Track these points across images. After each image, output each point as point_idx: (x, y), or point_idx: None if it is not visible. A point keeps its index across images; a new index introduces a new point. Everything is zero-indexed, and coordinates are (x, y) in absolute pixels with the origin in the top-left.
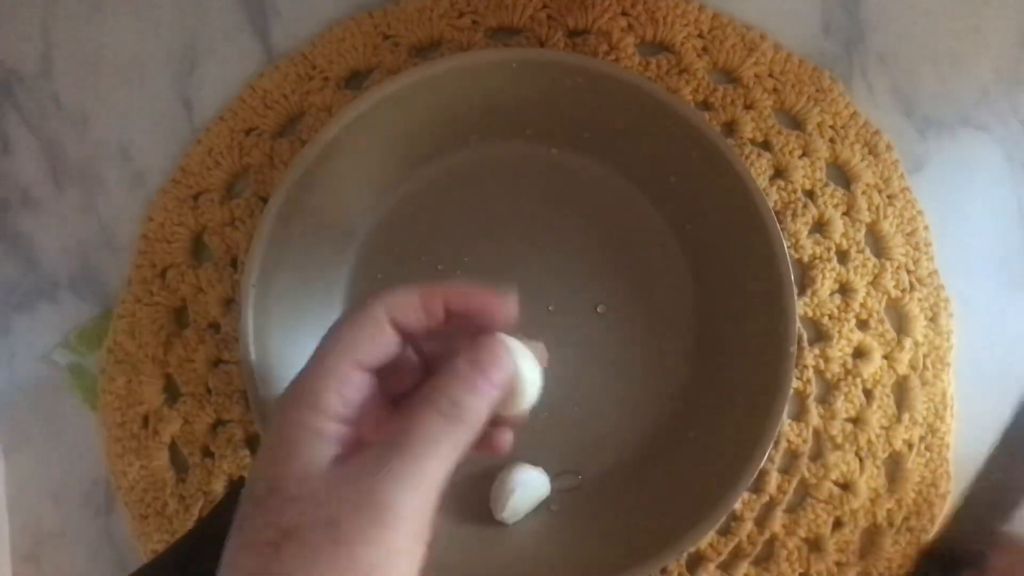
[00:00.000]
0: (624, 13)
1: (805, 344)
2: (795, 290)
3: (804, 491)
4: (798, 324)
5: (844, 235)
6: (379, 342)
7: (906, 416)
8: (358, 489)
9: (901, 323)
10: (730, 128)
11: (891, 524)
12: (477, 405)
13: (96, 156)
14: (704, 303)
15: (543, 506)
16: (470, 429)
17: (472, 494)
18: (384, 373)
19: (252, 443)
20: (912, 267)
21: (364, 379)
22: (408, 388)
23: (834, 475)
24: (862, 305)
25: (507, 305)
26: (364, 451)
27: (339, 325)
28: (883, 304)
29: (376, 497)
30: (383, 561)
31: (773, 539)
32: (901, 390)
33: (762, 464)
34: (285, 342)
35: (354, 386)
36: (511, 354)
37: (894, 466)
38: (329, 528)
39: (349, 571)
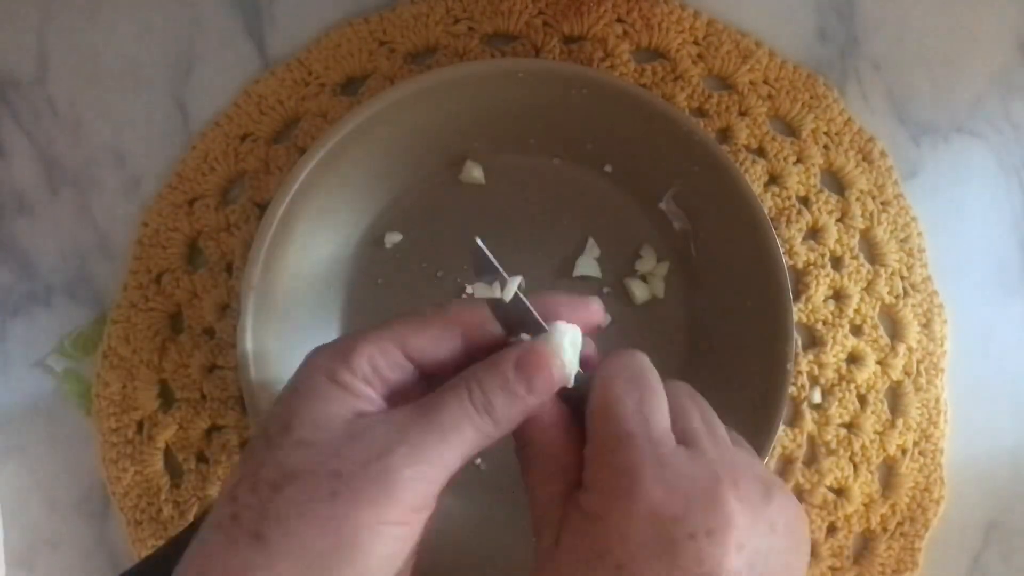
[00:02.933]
0: (620, 20)
1: (799, 350)
2: (793, 309)
3: (798, 496)
4: (796, 338)
5: (838, 241)
6: (437, 343)
7: (900, 422)
8: (370, 450)
9: (895, 329)
10: (725, 135)
11: (885, 529)
12: (511, 410)
13: (91, 161)
14: (701, 318)
15: None
16: (499, 428)
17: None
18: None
19: None
20: (906, 273)
21: (404, 363)
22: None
23: (828, 480)
24: (856, 311)
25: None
26: (386, 415)
27: (401, 317)
28: (877, 310)
29: (385, 462)
30: (375, 526)
31: None
32: (895, 396)
33: None
34: (282, 347)
35: (390, 362)
36: (562, 353)
37: (888, 471)
38: (332, 479)
39: (340, 526)
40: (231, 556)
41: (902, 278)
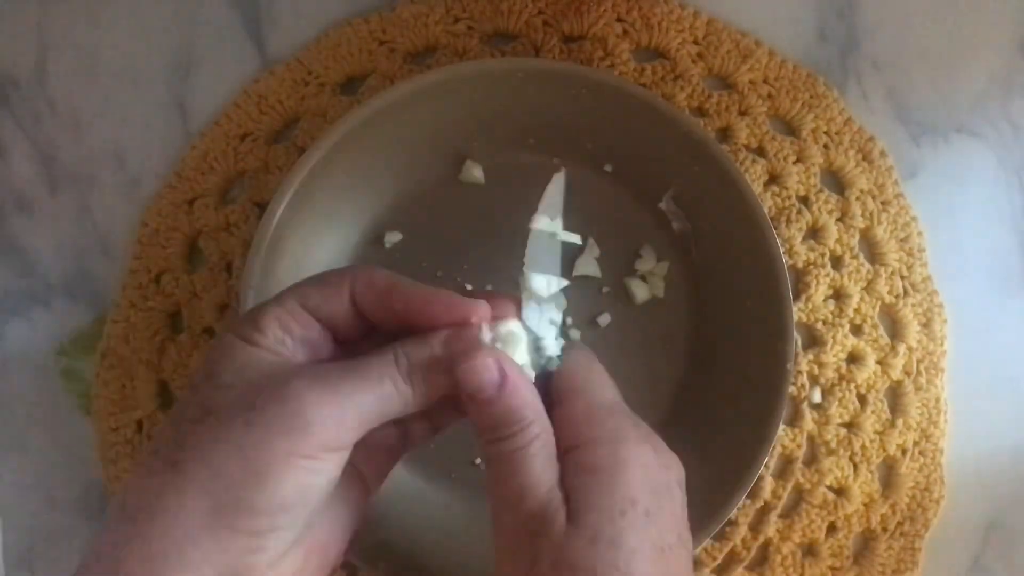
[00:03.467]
0: (619, 19)
1: (799, 349)
2: (793, 308)
3: (798, 496)
4: (796, 338)
5: (838, 241)
6: (329, 300)
7: (900, 421)
8: (287, 387)
9: (895, 329)
10: (725, 134)
11: (885, 529)
12: (430, 385)
13: (91, 161)
14: (702, 318)
15: None
16: (415, 398)
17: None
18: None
19: None
20: (906, 273)
21: (310, 321)
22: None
23: (828, 480)
24: (856, 311)
25: (470, 320)
26: (309, 365)
27: (302, 279)
28: (877, 310)
29: (300, 398)
30: (286, 456)
31: (768, 544)
32: (895, 395)
33: (756, 476)
34: None
35: (297, 321)
36: (490, 355)
37: (888, 471)
38: (246, 411)
39: (252, 454)
40: (148, 483)
41: (902, 278)
